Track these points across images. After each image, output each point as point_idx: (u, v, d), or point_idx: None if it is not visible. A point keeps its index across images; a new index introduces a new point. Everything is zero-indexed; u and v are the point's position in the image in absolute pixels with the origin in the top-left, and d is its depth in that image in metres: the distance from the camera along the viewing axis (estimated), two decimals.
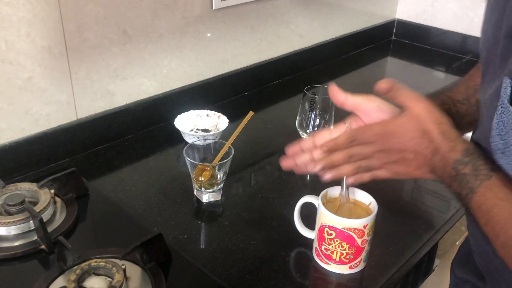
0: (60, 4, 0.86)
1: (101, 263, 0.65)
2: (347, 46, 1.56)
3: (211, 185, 0.86)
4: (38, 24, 0.84)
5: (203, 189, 0.86)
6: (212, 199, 0.87)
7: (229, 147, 0.87)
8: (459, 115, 0.70)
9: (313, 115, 1.04)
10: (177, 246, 0.76)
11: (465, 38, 1.60)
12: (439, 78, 1.57)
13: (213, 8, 1.11)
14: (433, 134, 0.56)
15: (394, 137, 0.58)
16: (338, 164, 0.62)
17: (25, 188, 0.80)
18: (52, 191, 0.80)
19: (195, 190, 0.88)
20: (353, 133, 0.61)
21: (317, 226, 0.71)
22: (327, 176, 0.63)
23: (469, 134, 0.65)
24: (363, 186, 0.70)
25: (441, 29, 1.65)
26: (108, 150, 1.01)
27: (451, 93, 0.71)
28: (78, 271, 0.64)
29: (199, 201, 0.87)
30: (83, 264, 0.65)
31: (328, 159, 0.62)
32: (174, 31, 1.06)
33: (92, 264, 0.65)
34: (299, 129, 1.06)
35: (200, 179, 0.85)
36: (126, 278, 0.64)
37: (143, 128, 1.08)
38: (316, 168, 0.63)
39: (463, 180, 0.54)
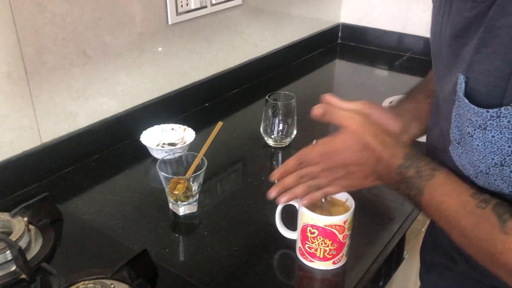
0: (17, 28, 0.84)
1: (89, 285, 0.65)
2: (298, 52, 1.62)
3: (187, 198, 0.87)
4: None
5: (179, 202, 0.87)
6: (188, 211, 0.88)
7: (202, 159, 0.88)
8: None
9: (276, 120, 1.08)
10: (161, 261, 0.76)
11: (403, 36, 1.70)
12: (384, 76, 1.66)
13: (169, 23, 1.12)
14: (373, 145, 0.60)
15: (337, 154, 0.63)
16: (290, 187, 0.67)
17: None
18: (26, 218, 0.79)
19: (170, 204, 0.89)
20: (299, 156, 0.66)
21: (299, 226, 0.74)
22: (282, 199, 0.68)
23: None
24: None
25: (382, 30, 1.74)
26: (75, 172, 1.00)
27: (432, 86, 0.74)
28: None
29: (175, 215, 0.88)
30: None
31: (280, 184, 0.67)
32: (132, 48, 1.07)
33: (81, 287, 0.65)
34: (264, 135, 1.10)
35: (175, 192, 0.86)
36: None
37: (108, 147, 1.07)
38: (270, 195, 0.68)
39: (409, 182, 0.58)
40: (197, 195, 0.88)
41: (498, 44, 0.49)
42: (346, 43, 1.81)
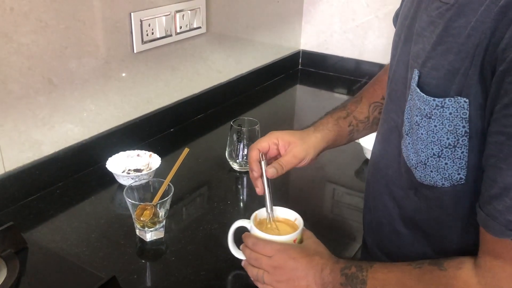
0: None
1: None
2: (260, 77, 1.67)
3: (154, 224, 0.89)
4: None
5: (146, 228, 0.88)
6: (155, 237, 0.90)
7: (169, 185, 0.90)
8: (359, 132, 0.88)
9: (241, 145, 1.11)
10: (130, 287, 0.77)
11: (359, 62, 1.79)
12: (342, 100, 1.67)
13: (135, 52, 1.15)
14: (324, 253, 0.72)
15: (286, 271, 0.70)
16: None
17: None
18: None
19: (137, 230, 0.90)
20: (257, 240, 0.74)
21: None
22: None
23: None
24: (288, 204, 0.81)
25: (340, 56, 1.82)
26: (40, 200, 0.99)
27: (357, 113, 0.87)
28: None
29: (142, 241, 0.89)
30: None
31: (242, 247, 0.78)
32: (98, 76, 1.08)
33: None
34: (229, 160, 1.13)
35: (142, 219, 0.88)
36: None
37: (74, 174, 1.07)
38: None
39: (353, 277, 0.66)
40: (164, 221, 0.90)
41: (453, 42, 0.53)
42: (306, 69, 1.88)
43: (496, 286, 0.53)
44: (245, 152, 1.11)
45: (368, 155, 1.14)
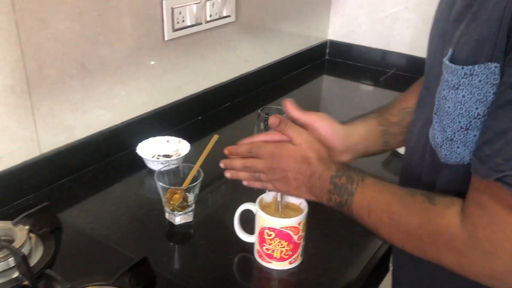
0: (21, 43, 0.88)
1: None
2: (287, 67, 1.67)
3: (183, 208, 0.90)
4: (0, 64, 0.86)
5: (175, 212, 0.90)
6: (184, 221, 0.92)
7: (198, 170, 0.92)
8: (393, 135, 0.83)
9: None
10: (159, 269, 0.79)
11: (387, 53, 1.77)
12: (368, 91, 1.72)
13: (165, 39, 1.16)
14: (312, 159, 0.71)
15: (281, 158, 0.73)
16: (236, 169, 0.78)
17: None
18: (27, 227, 0.81)
19: (167, 214, 0.92)
20: (251, 146, 0.76)
21: (257, 230, 0.79)
22: (227, 174, 0.80)
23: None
24: None
25: (368, 47, 1.80)
26: (72, 182, 1.02)
27: (388, 115, 0.84)
28: None
29: (171, 224, 0.91)
30: None
31: (228, 162, 0.79)
32: (129, 62, 1.10)
33: None
34: None
35: (171, 202, 0.90)
36: None
37: (105, 158, 1.10)
38: (220, 164, 0.80)
39: (341, 188, 0.67)
40: (193, 205, 0.92)
41: (485, 14, 0.53)
42: (333, 59, 1.87)
43: (472, 232, 0.54)
44: None
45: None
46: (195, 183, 0.90)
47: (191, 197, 0.91)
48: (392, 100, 0.88)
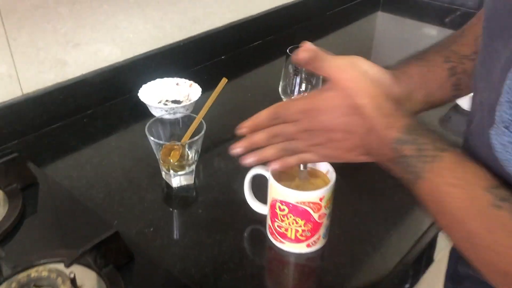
0: None
1: (43, 273, 0.54)
2: (333, 0, 1.42)
3: (182, 167, 0.74)
4: None
5: (172, 172, 0.73)
6: (184, 183, 0.75)
7: (201, 122, 0.74)
8: (466, 73, 0.59)
9: (298, 79, 0.91)
10: (142, 242, 0.64)
11: None
12: (432, 33, 1.46)
13: None
14: (366, 109, 0.47)
15: (320, 114, 0.50)
16: (260, 145, 0.54)
17: None
18: None
19: (163, 174, 0.76)
20: (275, 109, 0.53)
21: (268, 201, 0.63)
22: (248, 160, 0.55)
23: None
24: None
25: None
26: (63, 129, 0.88)
27: (457, 47, 0.60)
28: (14, 285, 0.52)
29: (169, 186, 0.75)
30: (20, 276, 0.53)
31: (247, 140, 0.55)
32: None
33: (32, 274, 0.53)
34: (283, 96, 0.94)
35: (168, 160, 0.73)
36: None
37: (103, 101, 0.94)
38: (234, 151, 0.55)
39: (406, 163, 0.46)
40: (194, 164, 0.75)
41: None
42: None
43: None
44: (303, 88, 0.91)
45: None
46: (196, 138, 0.72)
47: (192, 154, 0.74)
48: (461, 28, 0.64)
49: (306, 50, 0.50)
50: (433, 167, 0.44)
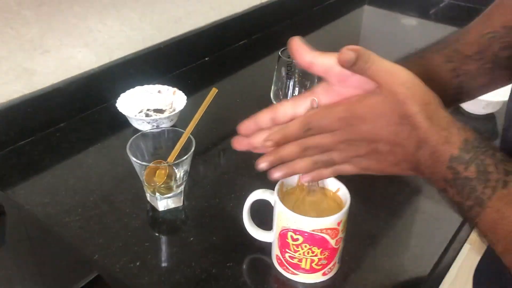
0: None
1: None
2: None
3: (169, 189, 0.66)
4: None
5: (157, 195, 0.66)
6: (172, 206, 0.68)
7: (189, 137, 0.66)
8: (470, 76, 0.55)
9: (291, 83, 0.85)
10: (127, 279, 0.57)
11: None
12: (423, 27, 1.42)
13: None
14: (417, 119, 0.41)
15: (364, 123, 0.44)
16: (289, 159, 0.48)
17: None
18: None
19: (148, 196, 0.68)
20: (308, 119, 0.46)
21: (276, 230, 0.56)
22: (276, 174, 0.49)
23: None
24: None
25: None
26: (33, 146, 0.79)
27: (460, 46, 0.56)
28: None
29: (154, 209, 0.67)
30: None
31: (275, 155, 0.48)
32: None
33: None
34: (274, 101, 0.87)
35: (153, 181, 0.65)
36: None
37: (77, 113, 0.86)
38: (260, 166, 0.48)
39: (466, 186, 0.40)
40: (183, 185, 0.67)
41: None
42: None
43: None
44: (296, 92, 0.85)
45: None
46: (184, 157, 0.64)
47: (180, 173, 0.66)
48: (466, 26, 0.59)
49: (350, 49, 0.42)
50: (501, 194, 0.38)
